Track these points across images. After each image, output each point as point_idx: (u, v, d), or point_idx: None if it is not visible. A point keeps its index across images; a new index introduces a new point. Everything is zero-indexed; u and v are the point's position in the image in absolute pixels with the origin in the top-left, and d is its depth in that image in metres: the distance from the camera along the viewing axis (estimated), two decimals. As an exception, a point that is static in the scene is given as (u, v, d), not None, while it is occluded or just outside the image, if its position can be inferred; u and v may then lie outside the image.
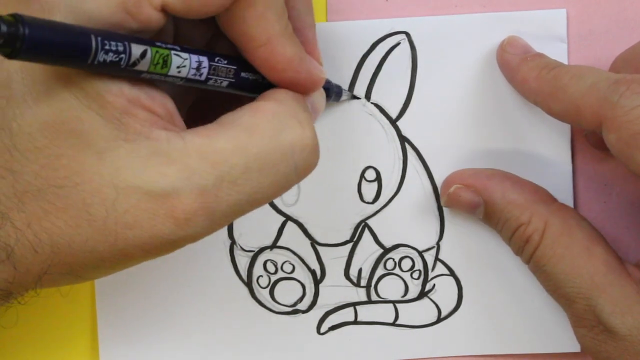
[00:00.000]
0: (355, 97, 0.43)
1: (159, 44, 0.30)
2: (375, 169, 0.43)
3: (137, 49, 0.29)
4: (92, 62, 0.27)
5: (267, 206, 0.43)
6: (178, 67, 0.30)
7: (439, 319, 0.44)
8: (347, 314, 0.44)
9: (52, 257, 0.30)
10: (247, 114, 0.32)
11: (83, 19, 0.29)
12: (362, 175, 0.43)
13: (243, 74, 0.33)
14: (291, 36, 0.33)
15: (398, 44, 0.43)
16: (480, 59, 0.43)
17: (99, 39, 0.27)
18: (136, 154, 0.29)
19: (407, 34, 0.43)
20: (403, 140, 0.43)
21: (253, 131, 0.31)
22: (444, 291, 0.44)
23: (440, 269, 0.44)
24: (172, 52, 0.30)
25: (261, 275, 0.44)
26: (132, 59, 0.29)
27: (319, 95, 0.37)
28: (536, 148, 0.43)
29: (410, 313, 0.44)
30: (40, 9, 0.29)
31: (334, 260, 0.44)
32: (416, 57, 0.43)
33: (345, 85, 0.43)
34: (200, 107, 0.38)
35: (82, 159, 0.29)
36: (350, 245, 0.44)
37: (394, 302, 0.44)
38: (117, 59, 0.28)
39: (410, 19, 0.43)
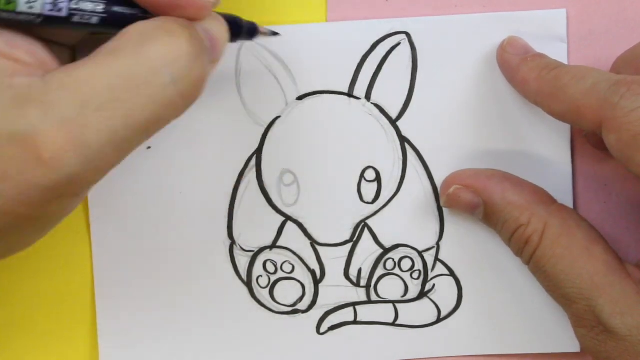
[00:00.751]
0: (275, 34, 0.41)
1: None
2: (375, 169, 0.43)
3: None
4: None
5: (267, 206, 0.44)
6: (28, 1, 0.28)
7: (439, 319, 0.44)
8: (346, 314, 0.44)
9: None
10: (113, 40, 0.30)
11: None
12: (362, 175, 0.43)
13: (116, 9, 0.31)
14: None
15: (398, 44, 0.43)
16: (480, 59, 0.43)
17: None
18: None
19: (407, 34, 0.43)
20: (403, 140, 0.43)
21: (116, 53, 0.29)
22: (443, 291, 0.44)
23: (440, 269, 0.44)
24: None
25: (261, 275, 0.44)
26: None
27: (216, 23, 0.33)
28: (536, 148, 0.43)
29: (410, 313, 0.44)
30: None
31: (334, 260, 0.44)
32: (416, 57, 0.43)
33: (345, 86, 0.43)
34: None
35: None
36: (350, 245, 0.44)
37: (393, 302, 0.44)
38: None
39: (410, 19, 0.43)
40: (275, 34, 0.40)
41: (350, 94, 0.43)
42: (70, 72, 0.29)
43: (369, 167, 0.43)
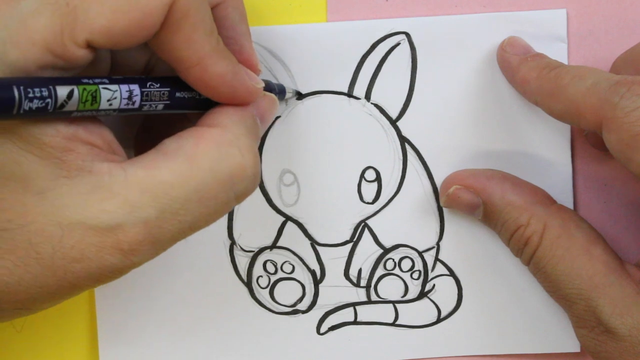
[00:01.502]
0: (299, 94, 0.43)
1: (85, 80, 0.30)
2: (375, 169, 0.43)
3: (63, 91, 0.29)
4: (19, 112, 0.27)
5: (267, 206, 0.44)
6: (109, 100, 0.30)
7: (439, 319, 0.44)
8: (347, 314, 0.44)
9: (2, 296, 0.31)
10: (190, 143, 0.32)
11: (10, 69, 0.29)
12: (362, 176, 0.43)
13: (178, 94, 0.33)
14: (223, 52, 0.33)
15: (398, 44, 0.43)
16: (480, 59, 0.43)
17: (22, 88, 0.27)
18: (78, 190, 0.30)
19: (407, 34, 0.43)
20: (403, 140, 0.43)
21: (193, 162, 0.32)
22: (443, 291, 0.44)
23: (440, 269, 0.44)
24: (100, 86, 0.30)
25: (261, 276, 0.44)
26: (59, 102, 0.29)
27: (267, 103, 0.37)
28: (536, 148, 0.43)
29: (410, 313, 0.44)
30: None
31: (334, 260, 0.44)
32: (416, 57, 0.43)
33: (345, 86, 0.43)
34: (151, 127, 0.38)
35: (24, 201, 0.30)
36: (350, 245, 0.44)
37: (393, 302, 0.44)
38: (44, 104, 0.28)
39: (410, 19, 0.43)
40: (299, 93, 0.43)
41: (350, 94, 0.43)
42: (152, 173, 0.31)
43: (369, 167, 0.43)
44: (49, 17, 0.29)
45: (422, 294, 0.44)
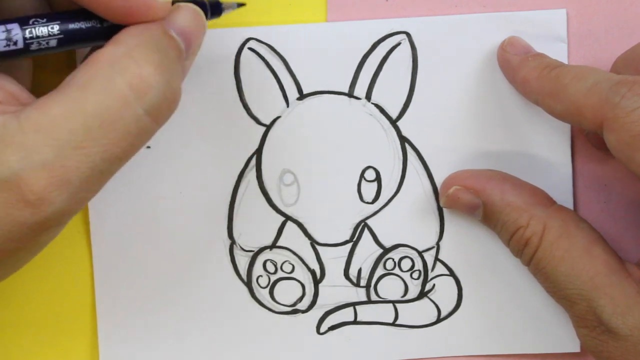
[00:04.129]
0: (240, 5, 0.38)
1: None
2: (375, 169, 0.43)
3: None
4: None
5: (267, 206, 0.43)
6: None
7: (439, 319, 0.44)
8: (346, 314, 0.44)
9: None
10: (82, 69, 0.30)
11: None
12: (362, 175, 0.43)
13: (72, 25, 0.31)
14: None
15: (398, 44, 0.43)
16: (480, 59, 0.43)
17: None
18: None
19: (408, 34, 0.43)
20: (403, 140, 0.43)
21: (86, 86, 0.29)
22: (443, 291, 0.44)
23: (440, 269, 0.44)
24: None
25: (261, 275, 0.44)
26: None
27: (185, 16, 0.33)
28: (536, 148, 0.43)
29: (410, 313, 0.44)
30: None
31: (334, 260, 0.44)
32: (416, 57, 0.43)
33: (345, 86, 0.43)
34: None
35: None
36: (349, 245, 0.44)
37: (393, 302, 0.44)
38: None
39: (411, 19, 0.43)
40: (240, 5, 0.38)
41: (350, 94, 0.43)
42: (44, 110, 0.29)
43: (369, 167, 0.43)
44: None
45: (422, 294, 0.44)
